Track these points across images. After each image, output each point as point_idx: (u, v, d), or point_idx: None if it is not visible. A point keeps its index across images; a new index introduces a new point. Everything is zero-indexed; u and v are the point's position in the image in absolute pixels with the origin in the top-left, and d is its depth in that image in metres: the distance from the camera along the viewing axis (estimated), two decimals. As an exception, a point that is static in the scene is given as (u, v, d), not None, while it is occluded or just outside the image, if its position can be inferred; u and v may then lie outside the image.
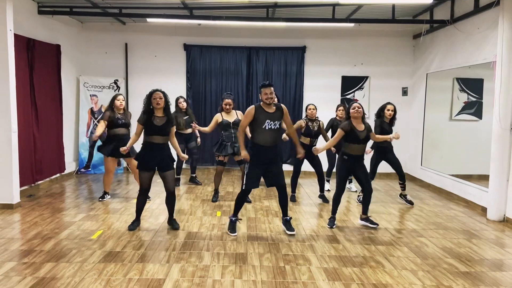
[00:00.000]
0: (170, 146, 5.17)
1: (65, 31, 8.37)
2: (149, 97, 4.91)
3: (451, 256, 4.47)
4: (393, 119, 6.43)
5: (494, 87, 5.96)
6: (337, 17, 7.68)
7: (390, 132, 6.30)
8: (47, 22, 7.66)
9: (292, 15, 8.18)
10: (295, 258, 4.30)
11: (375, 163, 6.58)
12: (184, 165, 8.17)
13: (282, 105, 5.00)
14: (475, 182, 6.83)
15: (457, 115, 7.87)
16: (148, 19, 7.66)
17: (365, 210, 5.48)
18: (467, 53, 7.03)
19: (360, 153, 5.26)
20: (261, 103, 4.88)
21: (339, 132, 5.20)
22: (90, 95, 8.97)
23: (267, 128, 4.80)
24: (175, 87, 9.12)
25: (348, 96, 9.28)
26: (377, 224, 5.41)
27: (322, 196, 6.81)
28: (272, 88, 4.82)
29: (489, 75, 6.95)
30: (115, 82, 9.07)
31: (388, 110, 6.39)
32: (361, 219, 5.54)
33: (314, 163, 6.67)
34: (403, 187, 6.73)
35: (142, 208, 5.22)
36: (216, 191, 6.69)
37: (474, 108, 7.63)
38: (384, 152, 6.50)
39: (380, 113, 6.46)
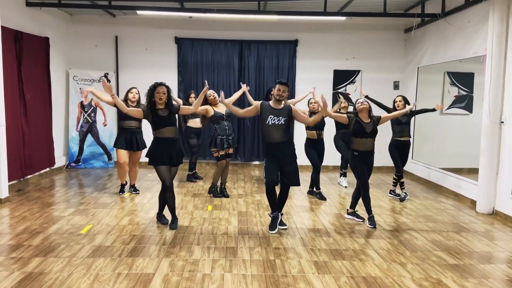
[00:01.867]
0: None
1: (54, 23, 8.25)
2: (152, 91, 4.78)
3: (440, 249, 4.50)
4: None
5: (484, 81, 5.98)
6: (329, 10, 7.65)
7: (405, 124, 6.49)
8: (36, 15, 7.54)
9: (284, 8, 8.14)
10: (285, 251, 4.30)
11: (395, 157, 6.59)
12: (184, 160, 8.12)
13: (292, 106, 4.95)
14: (465, 176, 6.88)
15: (447, 109, 7.90)
16: (138, 11, 7.57)
17: (353, 204, 5.48)
18: (458, 47, 7.05)
19: (369, 148, 5.20)
20: (271, 100, 4.89)
21: (343, 116, 5.25)
22: (80, 89, 8.86)
23: (270, 123, 4.76)
24: (166, 81, 8.67)
25: (340, 90, 9.28)
26: (363, 219, 5.39)
27: (319, 193, 6.63)
28: (287, 88, 4.80)
29: (480, 69, 6.96)
30: (105, 75, 8.97)
31: (396, 101, 6.42)
32: (348, 213, 5.55)
33: (319, 158, 6.61)
34: (396, 184, 6.76)
35: (174, 204, 5.00)
36: (214, 186, 6.54)
37: (465, 102, 7.67)
38: (403, 147, 6.55)
39: (394, 107, 6.48)
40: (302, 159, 6.82)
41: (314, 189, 6.69)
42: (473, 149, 6.79)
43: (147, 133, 6.40)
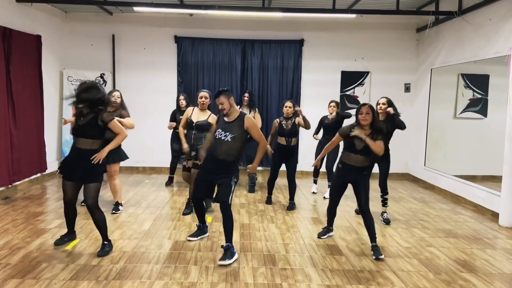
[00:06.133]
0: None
1: (47, 21, 7.82)
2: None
3: (466, 270, 4.02)
4: (392, 115, 5.22)
5: (509, 83, 5.54)
6: (338, 7, 7.18)
7: (389, 133, 5.27)
8: (26, 11, 7.10)
9: (289, 5, 7.68)
10: (293, 273, 3.83)
11: None
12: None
13: (247, 116, 4.19)
14: (483, 184, 6.41)
15: (461, 112, 7.47)
16: (135, 8, 7.12)
17: (371, 237, 4.39)
18: (477, 46, 6.58)
19: (358, 164, 4.38)
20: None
21: (336, 137, 4.53)
22: (74, 90, 8.41)
23: (217, 137, 4.19)
24: (166, 82, 8.63)
25: (347, 93, 8.81)
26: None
27: (291, 204, 6.10)
28: (222, 98, 4.14)
29: (496, 70, 6.52)
30: (101, 76, 8.53)
31: (378, 104, 5.31)
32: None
33: (287, 164, 6.11)
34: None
35: (70, 220, 4.39)
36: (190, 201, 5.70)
37: (479, 106, 7.23)
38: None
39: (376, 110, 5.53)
40: (303, 165, 6.38)
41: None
42: (487, 155, 6.34)
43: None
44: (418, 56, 8.67)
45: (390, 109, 5.19)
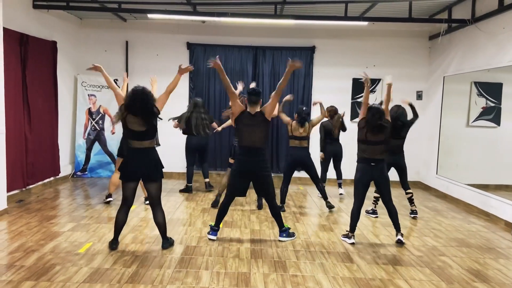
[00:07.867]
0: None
1: (62, 27, 7.97)
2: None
3: (479, 280, 3.98)
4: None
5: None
6: (350, 15, 7.20)
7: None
8: (43, 17, 7.25)
9: (301, 12, 7.73)
10: (304, 280, 3.83)
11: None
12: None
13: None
14: (496, 193, 6.34)
15: (474, 121, 7.41)
16: (149, 15, 7.23)
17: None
18: (490, 55, 6.54)
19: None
20: None
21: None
22: (88, 95, 8.55)
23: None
24: (178, 88, 8.48)
25: (359, 100, 8.80)
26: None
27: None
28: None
29: (509, 79, 6.49)
30: (115, 81, 8.63)
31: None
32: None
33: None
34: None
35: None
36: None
37: (493, 114, 7.18)
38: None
39: None
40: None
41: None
42: (500, 164, 6.27)
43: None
44: (431, 64, 8.64)
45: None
